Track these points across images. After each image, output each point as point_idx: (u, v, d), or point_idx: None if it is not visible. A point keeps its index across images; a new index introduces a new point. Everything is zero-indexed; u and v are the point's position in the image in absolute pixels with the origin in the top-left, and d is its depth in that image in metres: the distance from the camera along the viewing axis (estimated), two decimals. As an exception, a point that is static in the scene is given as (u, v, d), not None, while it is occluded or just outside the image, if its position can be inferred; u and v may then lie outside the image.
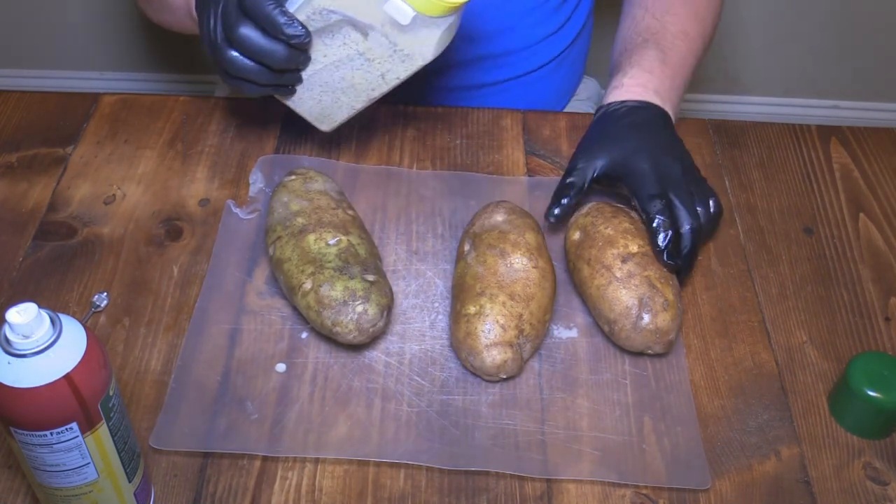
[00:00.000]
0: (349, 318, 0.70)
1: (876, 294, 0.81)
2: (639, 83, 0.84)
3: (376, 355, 0.74)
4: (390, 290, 0.74)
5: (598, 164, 0.80)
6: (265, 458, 0.68)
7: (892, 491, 0.68)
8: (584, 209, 0.79)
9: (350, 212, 0.79)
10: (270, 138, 0.92)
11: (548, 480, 0.67)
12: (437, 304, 0.77)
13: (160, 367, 0.73)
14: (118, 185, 0.88)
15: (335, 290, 0.71)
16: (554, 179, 0.85)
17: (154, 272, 0.80)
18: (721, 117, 0.98)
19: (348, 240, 0.75)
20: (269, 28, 0.73)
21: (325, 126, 0.85)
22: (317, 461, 0.67)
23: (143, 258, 0.81)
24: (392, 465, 0.67)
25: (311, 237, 0.74)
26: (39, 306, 0.52)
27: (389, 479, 0.67)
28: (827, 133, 0.97)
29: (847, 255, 0.84)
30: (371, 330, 0.71)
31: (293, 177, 0.81)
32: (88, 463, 0.57)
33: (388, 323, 0.73)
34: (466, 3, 0.73)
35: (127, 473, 0.60)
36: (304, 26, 0.74)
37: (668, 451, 0.68)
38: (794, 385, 0.74)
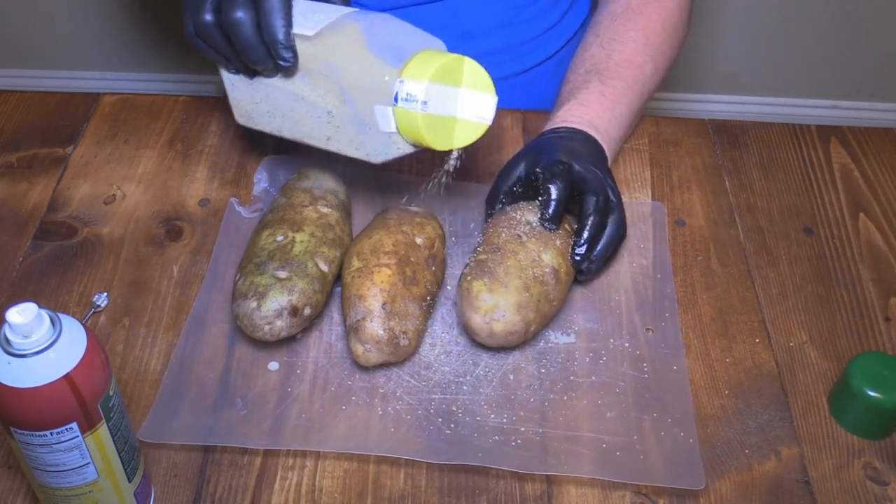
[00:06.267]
0: (243, 311, 0.69)
1: (876, 294, 0.81)
2: (574, 115, 0.84)
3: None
4: (315, 290, 0.71)
5: (521, 166, 0.79)
6: (265, 458, 0.68)
7: (892, 491, 0.68)
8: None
9: (324, 209, 0.76)
10: (270, 138, 0.92)
11: (548, 481, 0.67)
12: (434, 307, 0.77)
13: (160, 367, 0.73)
14: (118, 185, 0.88)
15: (244, 285, 0.71)
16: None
17: (154, 272, 0.80)
18: (721, 117, 0.98)
19: (294, 237, 0.73)
20: (265, 33, 0.70)
21: (241, 119, 0.80)
22: (317, 461, 0.67)
23: (143, 258, 0.81)
24: (392, 465, 0.67)
25: (265, 233, 0.74)
26: (39, 306, 0.52)
27: (389, 479, 0.67)
28: (827, 133, 0.97)
29: (847, 255, 0.84)
30: (267, 328, 0.69)
31: (296, 175, 0.81)
32: (88, 463, 0.57)
33: (300, 324, 0.71)
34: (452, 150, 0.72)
35: (127, 473, 0.60)
36: (295, 55, 0.71)
37: (664, 451, 0.68)
38: (794, 385, 0.74)
